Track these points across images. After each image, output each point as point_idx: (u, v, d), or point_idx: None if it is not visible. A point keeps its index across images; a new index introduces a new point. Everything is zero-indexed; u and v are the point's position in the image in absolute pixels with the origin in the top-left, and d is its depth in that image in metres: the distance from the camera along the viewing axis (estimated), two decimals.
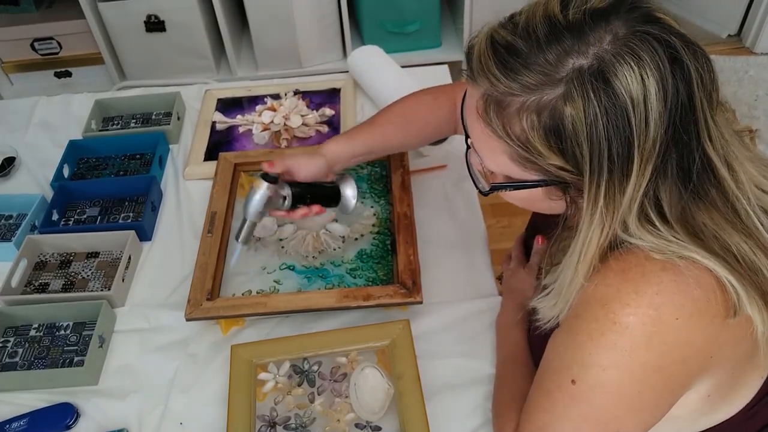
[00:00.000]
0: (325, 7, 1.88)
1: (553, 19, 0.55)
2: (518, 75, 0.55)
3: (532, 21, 0.56)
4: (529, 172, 0.60)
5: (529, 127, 0.56)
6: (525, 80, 0.55)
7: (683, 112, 0.53)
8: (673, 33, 0.55)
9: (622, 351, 0.57)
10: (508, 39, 0.56)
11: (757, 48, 2.56)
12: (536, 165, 0.58)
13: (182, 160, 1.23)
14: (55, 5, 2.06)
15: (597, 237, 0.58)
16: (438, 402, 0.84)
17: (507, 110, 0.57)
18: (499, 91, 0.57)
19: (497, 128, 0.58)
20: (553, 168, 0.57)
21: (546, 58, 0.54)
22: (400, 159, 1.09)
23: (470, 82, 0.61)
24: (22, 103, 1.41)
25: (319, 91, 1.34)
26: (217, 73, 2.01)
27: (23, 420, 0.85)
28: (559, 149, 0.55)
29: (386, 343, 0.89)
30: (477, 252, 1.02)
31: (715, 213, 0.58)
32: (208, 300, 0.92)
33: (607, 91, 0.52)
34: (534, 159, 0.58)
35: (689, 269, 0.56)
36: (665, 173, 0.55)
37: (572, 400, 0.60)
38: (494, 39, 0.58)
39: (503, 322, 0.90)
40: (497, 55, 0.57)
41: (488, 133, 0.59)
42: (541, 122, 0.55)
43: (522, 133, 0.57)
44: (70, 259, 1.07)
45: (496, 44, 0.57)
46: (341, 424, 0.82)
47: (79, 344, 0.95)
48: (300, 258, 1.00)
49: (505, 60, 0.56)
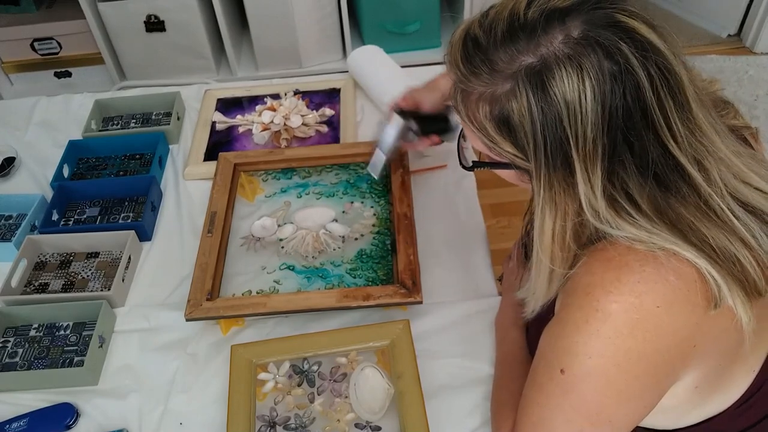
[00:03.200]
0: (325, 7, 1.88)
1: (515, 17, 0.58)
2: (477, 69, 0.59)
3: (498, 17, 0.59)
4: (496, 154, 0.63)
5: (484, 116, 0.60)
6: (482, 74, 0.59)
7: (629, 115, 0.55)
8: (628, 38, 0.55)
9: (605, 338, 0.58)
10: (476, 33, 0.60)
11: (757, 48, 2.56)
12: (497, 150, 0.62)
13: (182, 160, 1.23)
14: (55, 5, 2.06)
15: (550, 225, 0.61)
16: (438, 402, 0.84)
17: (469, 99, 0.61)
18: (461, 81, 0.61)
19: (462, 115, 0.63)
20: (509, 155, 0.61)
21: (501, 55, 0.57)
22: (400, 159, 1.09)
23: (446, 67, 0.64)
24: (22, 103, 1.41)
25: (319, 91, 1.34)
26: (217, 73, 2.01)
27: (23, 420, 0.85)
28: (510, 139, 0.59)
29: (386, 343, 0.89)
30: (477, 252, 1.02)
31: (690, 207, 0.59)
32: (208, 300, 0.92)
33: (543, 92, 0.55)
34: (493, 145, 0.61)
35: (669, 260, 0.57)
36: (624, 169, 0.57)
37: (563, 391, 0.61)
38: (467, 32, 0.61)
39: (501, 321, 0.90)
40: (464, 47, 0.60)
41: (459, 117, 0.64)
42: (493, 114, 0.59)
43: (481, 121, 0.60)
44: (70, 259, 1.07)
45: (467, 38, 0.60)
46: (341, 424, 0.82)
47: (79, 344, 0.95)
48: (300, 258, 1.00)
49: (469, 54, 0.60)
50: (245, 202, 1.10)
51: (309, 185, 1.11)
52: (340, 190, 1.10)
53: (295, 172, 1.14)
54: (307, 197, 1.09)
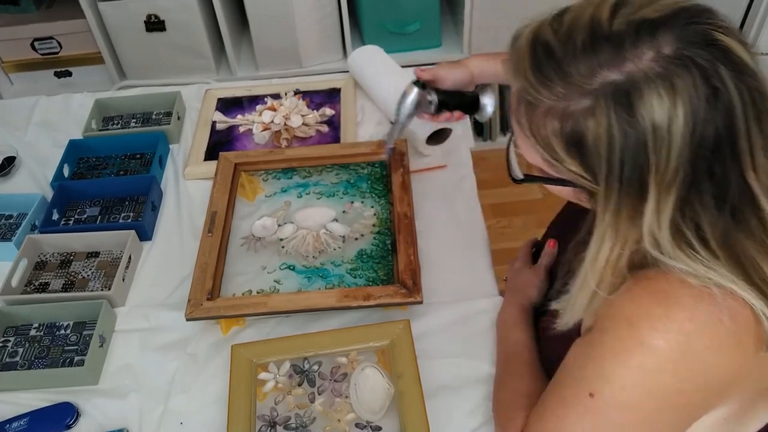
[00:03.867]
0: (325, 7, 1.88)
1: (597, 25, 0.53)
2: (550, 81, 0.54)
3: (576, 24, 0.54)
4: (556, 171, 0.59)
5: (552, 132, 0.55)
6: (555, 87, 0.54)
7: (717, 144, 0.51)
8: (725, 59, 0.51)
9: (645, 372, 0.56)
10: (549, 40, 0.55)
11: (757, 48, 2.56)
12: (559, 168, 0.57)
13: (182, 160, 1.23)
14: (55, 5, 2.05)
15: (607, 250, 0.57)
16: (438, 402, 0.84)
17: (536, 111, 0.56)
18: (529, 92, 0.56)
19: (525, 127, 0.58)
20: (573, 174, 0.57)
21: (580, 67, 0.52)
22: (401, 159, 1.09)
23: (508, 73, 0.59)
24: (22, 103, 1.41)
25: (319, 90, 1.34)
26: (217, 73, 2.00)
27: (23, 420, 0.85)
28: (579, 159, 0.55)
29: (386, 343, 0.89)
30: (477, 252, 1.02)
31: (756, 242, 0.56)
32: (208, 300, 0.92)
33: (629, 114, 0.50)
34: (556, 162, 0.57)
35: (725, 299, 0.54)
36: (699, 200, 0.53)
37: (587, 411, 0.60)
38: (537, 36, 0.56)
39: (504, 321, 0.89)
40: (534, 56, 0.55)
41: (520, 130, 0.59)
42: (564, 131, 0.54)
43: (546, 137, 0.56)
44: (70, 258, 1.07)
45: (537, 43, 0.56)
46: (341, 424, 0.82)
47: (79, 344, 0.95)
48: (300, 258, 1.00)
49: (540, 63, 0.55)
50: (245, 201, 1.10)
51: (309, 185, 1.11)
52: (340, 189, 1.10)
53: (296, 172, 1.14)
54: (307, 197, 1.09)
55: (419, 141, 1.15)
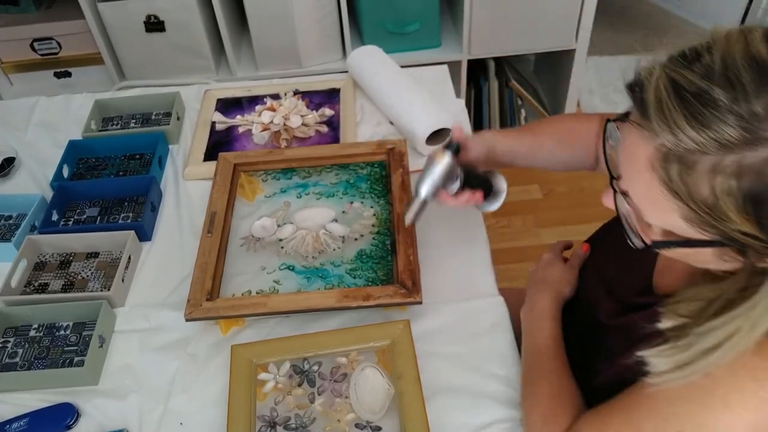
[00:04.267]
0: (325, 7, 1.88)
1: (762, 62, 0.47)
2: (715, 130, 0.46)
3: (733, 64, 0.47)
4: (702, 232, 0.52)
5: (723, 191, 0.48)
6: (724, 137, 0.46)
7: None
8: None
9: (756, 429, 0.53)
10: (701, 85, 0.47)
11: None
12: (717, 228, 0.50)
13: (182, 161, 1.23)
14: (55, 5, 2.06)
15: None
16: (438, 402, 0.84)
17: (694, 170, 0.48)
18: (686, 146, 0.48)
19: (680, 191, 0.50)
20: (739, 234, 0.49)
21: (753, 110, 0.46)
22: (400, 159, 1.09)
23: (637, 128, 0.52)
24: (22, 103, 1.41)
25: (318, 91, 1.34)
26: (216, 73, 2.00)
27: (23, 420, 0.85)
28: (757, 218, 0.48)
29: (386, 343, 0.89)
30: (477, 252, 1.02)
31: None
32: (208, 300, 0.92)
33: None
34: (716, 223, 0.49)
35: None
36: None
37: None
38: (678, 83, 0.49)
39: (538, 312, 0.85)
40: (686, 104, 0.48)
41: (662, 191, 0.51)
42: (741, 188, 0.47)
43: (710, 197, 0.48)
44: (70, 259, 1.07)
45: (683, 90, 0.48)
46: (341, 424, 0.82)
47: (79, 344, 0.95)
48: (300, 258, 1.00)
49: (698, 111, 0.47)
50: (245, 202, 1.10)
51: (309, 185, 1.11)
52: (339, 190, 1.10)
53: (295, 172, 1.14)
54: (306, 197, 1.09)
55: (419, 141, 1.15)
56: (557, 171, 0.98)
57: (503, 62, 2.26)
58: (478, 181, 0.87)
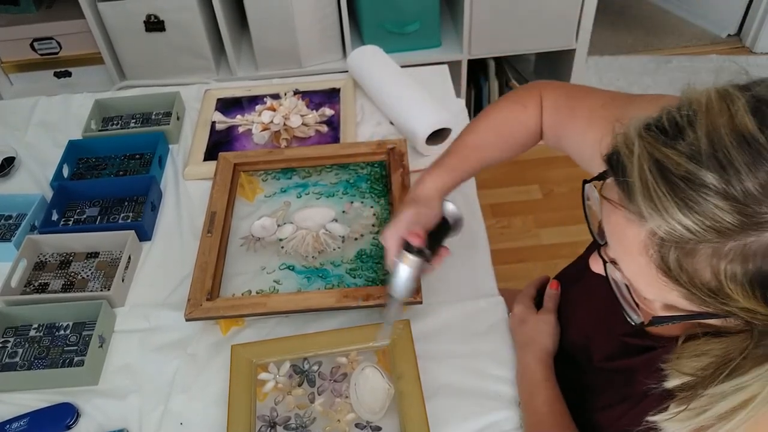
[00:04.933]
0: (325, 7, 1.88)
1: (751, 139, 0.43)
2: (710, 217, 0.43)
3: (720, 142, 0.44)
4: (705, 307, 0.49)
5: (727, 277, 0.45)
6: (721, 224, 0.43)
7: None
8: None
9: None
10: (689, 168, 0.44)
11: (757, 48, 2.56)
12: (721, 307, 0.48)
13: (182, 160, 1.23)
14: (55, 5, 2.06)
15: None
16: (438, 402, 0.84)
17: (694, 257, 0.46)
18: (681, 234, 0.45)
19: (679, 277, 0.47)
20: (745, 312, 0.47)
21: (747, 191, 0.43)
22: (401, 159, 1.09)
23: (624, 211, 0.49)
24: (22, 103, 1.40)
25: (318, 91, 1.34)
26: (216, 73, 2.00)
27: (23, 420, 0.85)
28: (765, 299, 0.45)
29: (386, 343, 0.89)
30: (477, 252, 1.02)
31: None
32: (208, 300, 0.92)
33: None
34: (721, 302, 0.47)
35: None
36: None
37: None
38: (664, 165, 0.45)
39: (529, 379, 0.83)
40: (676, 189, 0.44)
41: (659, 276, 0.48)
42: (747, 273, 0.44)
43: (713, 281, 0.46)
44: (70, 259, 1.07)
45: (670, 174, 0.45)
46: (341, 424, 0.82)
47: (79, 344, 0.95)
48: (300, 258, 1.00)
49: (689, 197, 0.44)
50: (245, 202, 1.10)
51: (309, 185, 1.11)
52: (340, 190, 1.10)
53: (295, 172, 1.14)
54: (307, 197, 1.09)
55: (419, 141, 1.15)
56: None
57: (503, 62, 2.26)
58: (439, 234, 0.85)
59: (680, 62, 2.55)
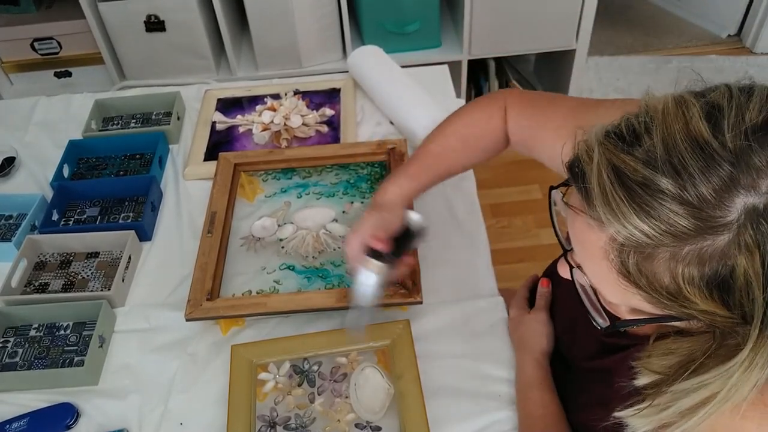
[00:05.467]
0: (325, 7, 1.88)
1: (706, 145, 0.44)
2: (668, 222, 0.44)
3: (675, 148, 0.45)
4: (667, 311, 0.50)
5: (684, 280, 0.46)
6: (677, 228, 0.44)
7: None
8: None
9: None
10: (645, 174, 0.45)
11: (757, 48, 2.56)
12: (681, 309, 0.49)
13: (182, 160, 1.23)
14: (55, 5, 2.06)
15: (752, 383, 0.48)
16: (438, 402, 0.84)
17: (652, 261, 0.46)
18: (638, 239, 0.46)
19: (639, 281, 0.48)
20: (705, 315, 0.48)
21: (703, 198, 0.43)
22: (401, 159, 1.09)
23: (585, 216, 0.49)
24: (22, 103, 1.41)
25: (319, 91, 1.34)
26: (217, 73, 2.00)
27: (23, 420, 0.85)
28: (720, 300, 0.46)
29: (386, 343, 0.89)
30: (477, 252, 1.02)
31: None
32: (208, 300, 0.92)
33: None
34: (681, 304, 0.48)
35: None
36: None
37: None
38: (621, 170, 0.46)
39: (525, 382, 0.84)
40: (633, 194, 0.45)
41: (620, 280, 0.49)
42: (703, 276, 0.45)
43: (672, 284, 0.47)
44: (70, 259, 1.07)
45: (627, 179, 0.46)
46: (341, 424, 0.82)
47: (79, 344, 0.95)
48: (300, 258, 1.00)
49: (646, 203, 0.45)
50: (245, 202, 1.10)
51: (309, 185, 1.11)
52: (340, 190, 1.10)
53: (295, 172, 1.14)
54: (307, 197, 1.09)
55: (419, 141, 1.15)
56: None
57: (503, 62, 2.26)
58: (402, 241, 0.84)
59: (680, 62, 2.55)
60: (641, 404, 0.54)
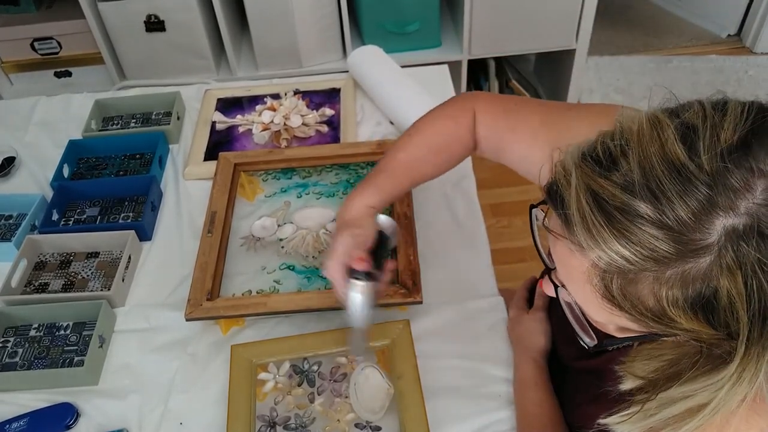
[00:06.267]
0: (325, 7, 1.88)
1: (681, 168, 0.44)
2: (649, 247, 0.44)
3: (652, 172, 0.44)
4: (652, 330, 0.50)
5: (669, 302, 0.46)
6: (658, 252, 0.44)
7: None
8: None
9: None
10: (624, 199, 0.45)
11: (757, 48, 2.56)
12: (667, 329, 0.49)
13: (182, 160, 1.23)
14: (55, 5, 2.06)
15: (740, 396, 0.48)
16: (438, 402, 0.84)
17: (636, 285, 0.46)
18: (620, 265, 0.46)
19: (624, 304, 0.48)
20: (690, 334, 0.48)
21: (682, 222, 0.43)
22: None
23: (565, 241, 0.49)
24: (22, 103, 1.41)
25: (319, 90, 1.34)
26: (217, 73, 2.00)
27: (23, 420, 0.85)
28: (707, 321, 0.46)
29: (386, 343, 0.89)
30: (477, 252, 1.02)
31: None
32: (208, 300, 0.92)
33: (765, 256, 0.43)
34: (666, 325, 0.48)
35: None
36: None
37: None
38: (600, 196, 0.46)
39: (522, 381, 0.84)
40: (612, 220, 0.45)
41: (604, 304, 0.49)
42: (687, 298, 0.45)
43: (656, 306, 0.47)
44: (70, 259, 1.07)
45: (606, 205, 0.45)
46: (341, 424, 0.82)
47: (79, 344, 0.95)
48: (300, 258, 1.00)
49: (626, 229, 0.45)
50: (245, 202, 1.10)
51: (309, 185, 1.11)
52: (340, 190, 1.10)
53: (295, 172, 1.14)
54: (307, 197, 1.09)
55: None
56: None
57: (503, 62, 2.26)
58: (379, 250, 0.82)
59: (680, 62, 2.55)
60: (628, 411, 0.54)
